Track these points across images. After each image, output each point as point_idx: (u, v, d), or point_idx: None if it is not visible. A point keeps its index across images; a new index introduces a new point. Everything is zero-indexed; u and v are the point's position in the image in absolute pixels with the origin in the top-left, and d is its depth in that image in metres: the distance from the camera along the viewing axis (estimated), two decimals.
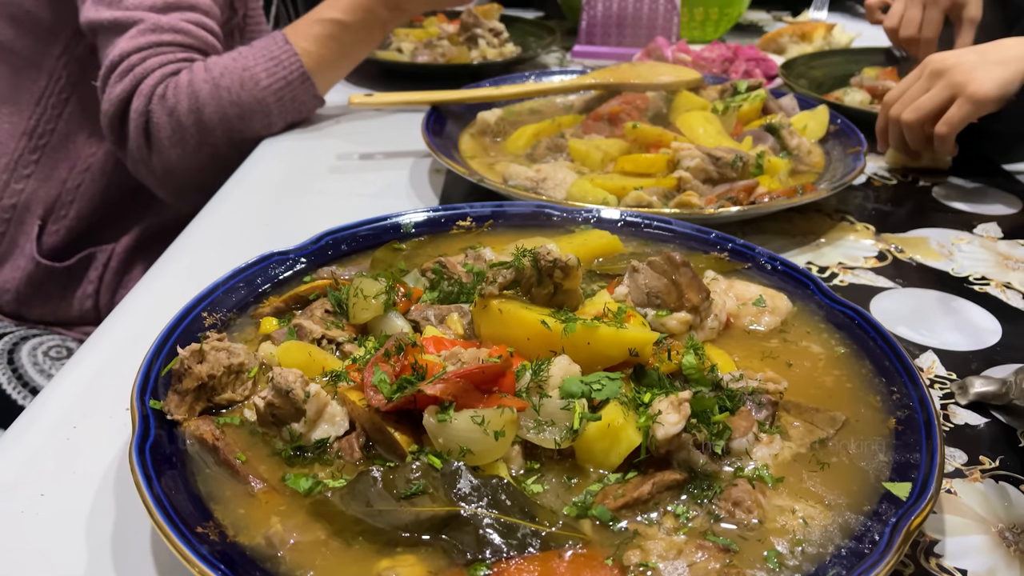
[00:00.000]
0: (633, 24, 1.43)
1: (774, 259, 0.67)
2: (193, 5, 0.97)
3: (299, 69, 0.98)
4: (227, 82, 0.93)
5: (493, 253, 0.66)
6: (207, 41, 0.98)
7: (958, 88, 0.89)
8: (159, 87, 0.93)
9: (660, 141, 0.91)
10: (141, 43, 0.93)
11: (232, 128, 0.95)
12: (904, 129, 0.94)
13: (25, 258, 1.10)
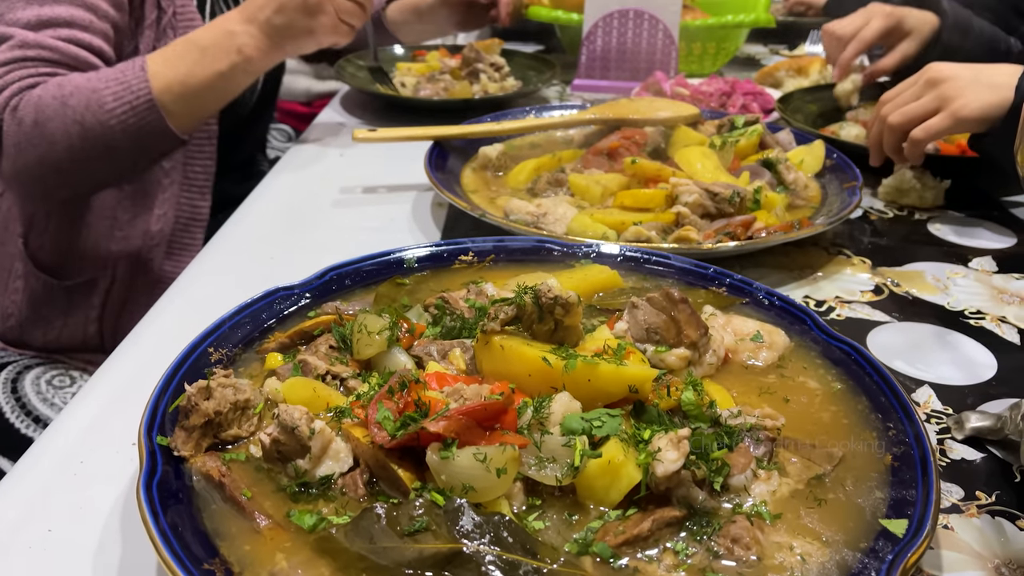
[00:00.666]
0: (632, 58, 1.45)
1: (771, 294, 0.69)
2: (69, 21, 0.98)
3: (146, 95, 0.96)
4: (74, 101, 0.95)
5: (495, 288, 0.67)
6: (79, 57, 0.99)
7: (945, 102, 0.92)
8: (13, 99, 0.95)
9: (659, 176, 0.92)
10: (7, 58, 0.96)
11: (73, 146, 0.95)
12: (886, 130, 0.97)
13: (22, 279, 1.11)
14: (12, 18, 0.96)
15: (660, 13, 1.42)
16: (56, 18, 0.97)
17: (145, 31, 1.08)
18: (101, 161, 0.98)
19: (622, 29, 1.44)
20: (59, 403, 1.04)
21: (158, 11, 1.08)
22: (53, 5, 0.97)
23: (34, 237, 1.11)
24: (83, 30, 0.99)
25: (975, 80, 0.91)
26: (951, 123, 0.90)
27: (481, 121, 1.11)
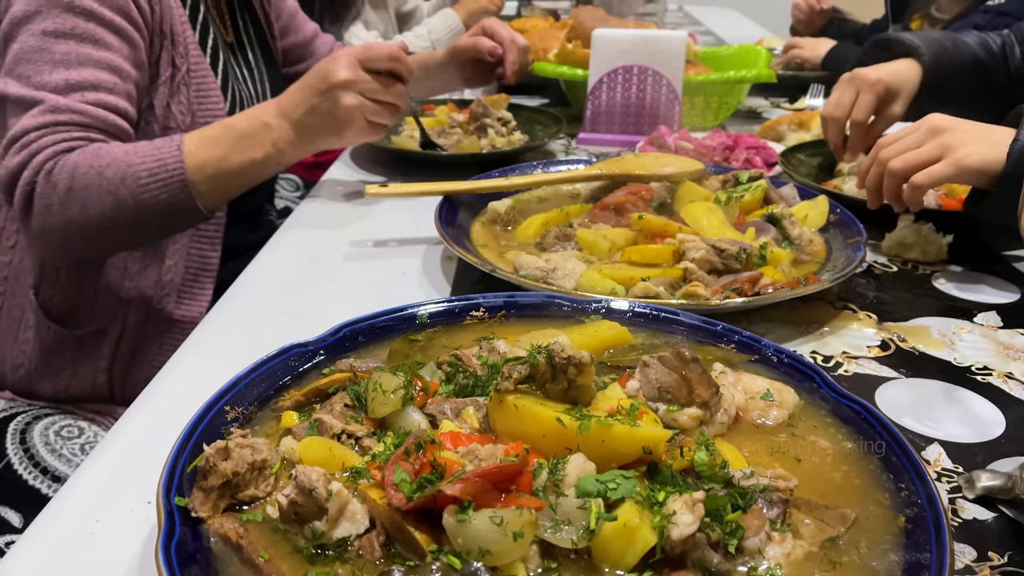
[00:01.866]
0: (636, 113, 1.48)
1: (780, 352, 0.69)
2: (96, 84, 1.01)
3: (180, 175, 1.00)
4: (110, 173, 0.97)
5: (507, 345, 0.68)
6: (107, 120, 1.02)
7: (947, 150, 0.93)
8: (48, 163, 0.98)
9: (665, 231, 0.94)
10: (40, 122, 0.98)
11: (104, 214, 0.98)
12: (887, 175, 0.98)
13: (32, 329, 1.12)
14: (40, 81, 0.99)
15: (663, 69, 1.45)
16: (83, 82, 1.00)
17: (160, 87, 1.11)
18: (127, 230, 1.01)
19: (626, 84, 1.47)
20: (67, 454, 1.04)
21: (172, 68, 1.11)
22: (79, 68, 1.00)
23: (45, 288, 1.12)
24: (109, 92, 1.02)
25: (977, 135, 0.94)
26: (954, 171, 0.92)
27: (490, 176, 1.13)
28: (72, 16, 1.00)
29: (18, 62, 0.99)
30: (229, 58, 1.26)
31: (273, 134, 1.06)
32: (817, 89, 1.82)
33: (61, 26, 1.00)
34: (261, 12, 1.41)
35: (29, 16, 0.99)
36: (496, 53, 1.41)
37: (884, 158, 0.99)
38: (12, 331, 1.13)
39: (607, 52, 1.46)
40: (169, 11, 1.11)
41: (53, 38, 0.99)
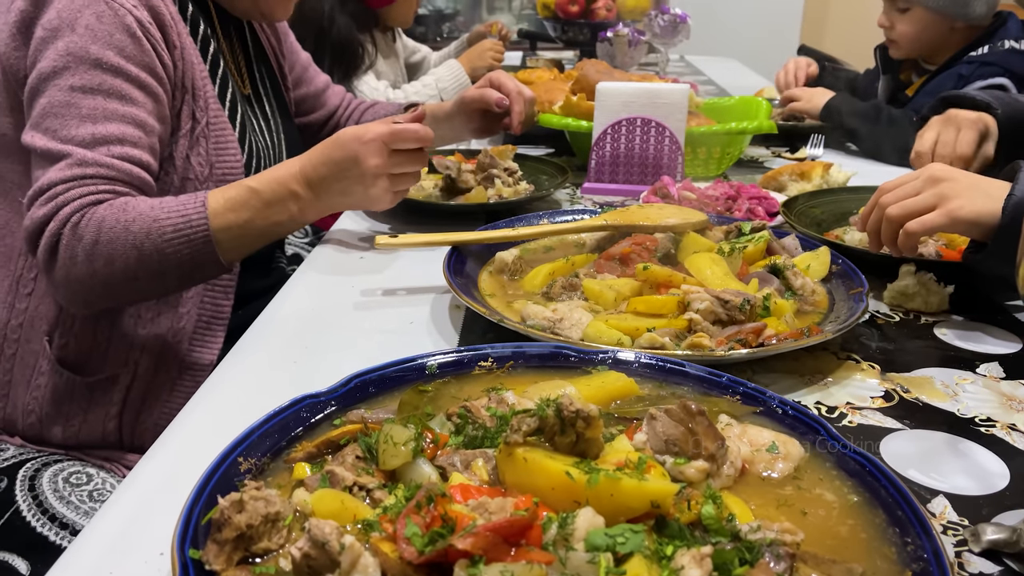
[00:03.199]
0: (640, 163, 1.51)
1: (784, 403, 0.70)
2: (121, 139, 1.04)
3: (204, 232, 1.02)
4: (136, 227, 1.00)
5: (515, 397, 0.69)
6: (132, 173, 1.05)
7: (942, 200, 0.96)
8: (75, 215, 1.00)
9: (670, 282, 0.95)
10: (67, 175, 1.01)
11: (128, 267, 1.01)
12: (885, 220, 1.00)
13: (44, 376, 1.13)
14: (67, 135, 1.02)
15: (666, 120, 1.49)
16: (110, 136, 1.03)
17: (180, 139, 1.14)
18: (150, 282, 1.03)
19: (630, 136, 1.50)
20: (75, 501, 1.05)
21: (192, 121, 1.14)
22: (106, 123, 1.03)
23: (59, 335, 1.13)
24: (134, 146, 1.04)
25: (974, 187, 0.96)
26: (946, 221, 0.95)
27: (497, 227, 1.15)
28: (100, 72, 1.03)
29: (45, 116, 1.02)
30: (246, 110, 1.29)
31: (299, 203, 1.09)
32: (817, 139, 1.85)
33: (89, 82, 1.03)
34: (276, 65, 1.45)
35: (57, 72, 1.02)
36: (503, 104, 1.45)
37: (883, 204, 1.01)
38: (25, 378, 1.14)
39: (611, 104, 1.49)
40: (191, 66, 1.14)
41: (80, 93, 1.02)
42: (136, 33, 1.06)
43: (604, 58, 2.48)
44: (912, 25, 1.92)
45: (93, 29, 1.03)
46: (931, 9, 1.87)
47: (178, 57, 1.12)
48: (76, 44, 1.03)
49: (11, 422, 1.15)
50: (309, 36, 2.26)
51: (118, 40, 1.04)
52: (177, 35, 1.12)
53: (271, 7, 1.28)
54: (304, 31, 2.23)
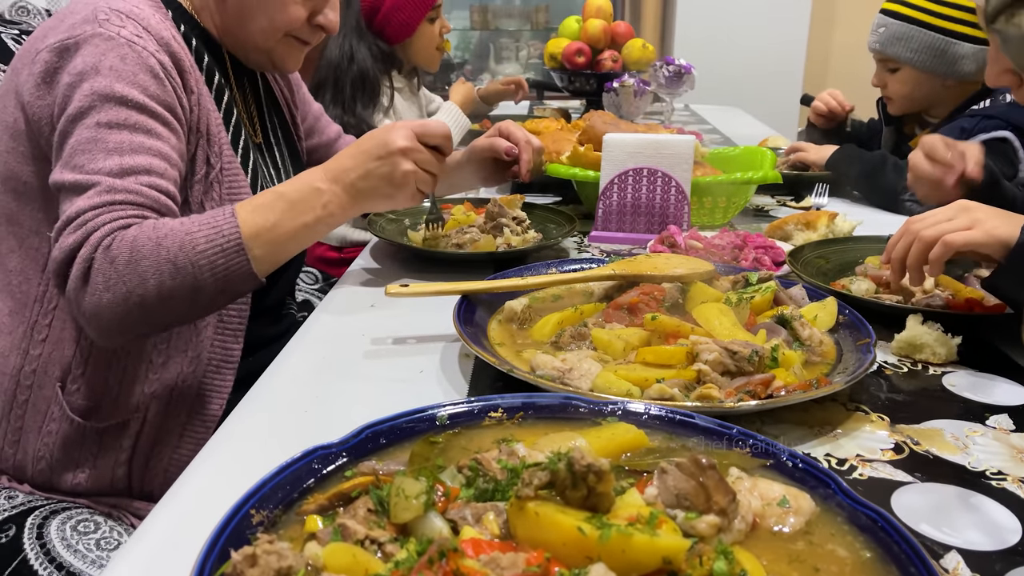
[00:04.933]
0: (646, 212, 1.53)
1: (795, 456, 0.70)
2: (148, 169, 1.06)
3: (236, 239, 1.03)
4: (168, 242, 1.01)
5: (526, 449, 0.69)
6: (159, 201, 1.06)
7: (978, 222, 1.00)
8: (106, 239, 1.01)
9: (678, 332, 0.96)
10: (96, 202, 1.02)
11: (163, 284, 1.01)
12: (917, 241, 1.03)
13: (56, 422, 1.14)
14: (95, 167, 1.04)
15: (672, 171, 1.51)
16: (137, 166, 1.05)
17: (195, 184, 1.16)
18: (186, 301, 1.03)
19: (636, 185, 1.52)
20: (83, 549, 1.04)
21: (207, 166, 1.17)
22: (133, 155, 1.05)
23: (71, 381, 1.14)
24: (160, 177, 1.07)
25: (1005, 213, 1.02)
26: (985, 238, 0.99)
27: (506, 276, 1.16)
28: (125, 109, 1.06)
29: (74, 154, 1.05)
30: (258, 158, 1.32)
31: (323, 198, 1.11)
32: (822, 188, 1.87)
33: (115, 118, 1.05)
34: (288, 115, 1.49)
35: (84, 112, 1.05)
36: (512, 153, 1.47)
37: (915, 229, 1.03)
38: (36, 424, 1.15)
39: (618, 155, 1.52)
40: (206, 112, 1.17)
41: (107, 129, 1.05)
42: (159, 74, 1.09)
43: (610, 108, 2.53)
44: (903, 84, 1.96)
45: (117, 70, 1.07)
46: (919, 69, 1.91)
47: (195, 102, 1.15)
48: (102, 84, 1.06)
49: (21, 468, 1.15)
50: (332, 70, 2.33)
51: (142, 80, 1.08)
52: (195, 81, 1.16)
53: (283, 60, 1.31)
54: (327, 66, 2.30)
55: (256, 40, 1.27)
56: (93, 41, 1.07)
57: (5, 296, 1.15)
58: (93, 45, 1.07)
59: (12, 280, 1.16)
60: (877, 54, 2.00)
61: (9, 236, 1.16)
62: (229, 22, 1.26)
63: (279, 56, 1.30)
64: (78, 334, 1.14)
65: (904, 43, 1.91)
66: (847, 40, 4.87)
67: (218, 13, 1.26)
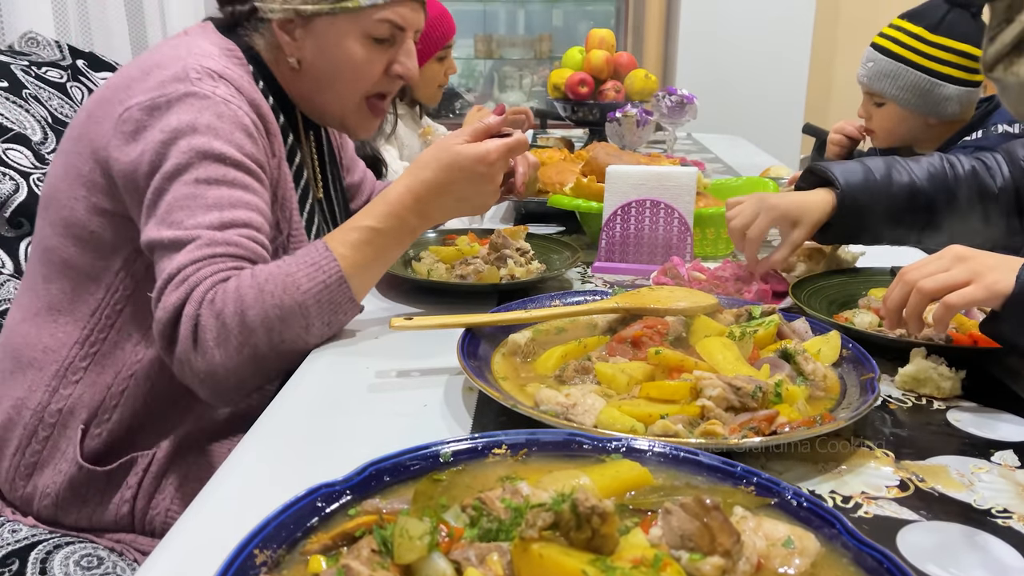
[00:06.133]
0: (649, 243, 1.53)
1: (799, 495, 0.70)
2: (247, 223, 1.07)
3: (337, 273, 1.05)
4: (271, 287, 1.01)
5: (530, 487, 0.69)
6: (257, 252, 1.07)
7: (977, 276, 0.98)
8: (209, 293, 1.00)
9: (682, 367, 0.96)
10: (197, 256, 1.02)
11: (272, 329, 1.01)
12: (915, 293, 1.01)
13: (68, 463, 1.14)
14: (194, 223, 1.04)
15: (675, 202, 1.52)
16: (236, 220, 1.06)
17: None
18: (298, 342, 1.05)
19: (639, 217, 1.53)
20: None
21: (276, 231, 1.18)
22: (232, 210, 1.06)
23: (95, 424, 1.15)
24: (257, 230, 1.08)
25: (1001, 264, 0.99)
26: (986, 295, 0.97)
27: (510, 308, 1.17)
28: (223, 166, 1.06)
29: (171, 211, 1.04)
30: (319, 214, 1.34)
31: (414, 233, 1.14)
32: None
33: (213, 174, 1.06)
34: (339, 161, 1.50)
35: (181, 169, 1.05)
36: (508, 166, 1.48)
37: (911, 279, 1.02)
38: (52, 462, 1.15)
39: (621, 187, 1.53)
40: (284, 176, 1.19)
41: (205, 185, 1.05)
42: (252, 133, 1.10)
43: (613, 137, 2.54)
44: (888, 120, 1.98)
45: (215, 127, 1.07)
46: (903, 107, 1.93)
47: (275, 166, 1.17)
48: (199, 142, 1.06)
49: (28, 502, 1.16)
50: None
51: (237, 138, 1.08)
52: (277, 145, 1.17)
53: (356, 127, 1.33)
54: None
55: (332, 108, 1.28)
56: (187, 100, 1.07)
57: (44, 333, 1.16)
58: (188, 104, 1.07)
59: (58, 319, 1.16)
60: (864, 87, 2.02)
61: (63, 278, 1.16)
62: (304, 90, 1.27)
63: (352, 123, 1.32)
64: (112, 380, 1.14)
65: (891, 80, 1.93)
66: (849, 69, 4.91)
67: (292, 82, 1.27)
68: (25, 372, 1.16)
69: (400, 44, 1.29)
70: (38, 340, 1.15)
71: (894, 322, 1.05)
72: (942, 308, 0.98)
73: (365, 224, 1.10)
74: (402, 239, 1.13)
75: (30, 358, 1.16)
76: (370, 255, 1.09)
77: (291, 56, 1.24)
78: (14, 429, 1.15)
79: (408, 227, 1.12)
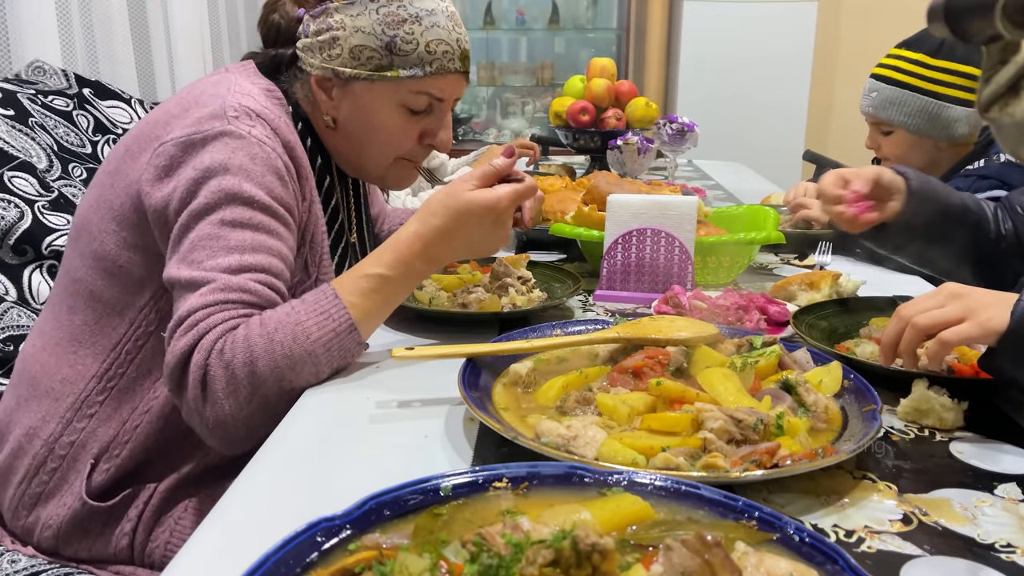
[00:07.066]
0: (650, 272, 1.54)
1: (801, 530, 0.70)
2: (265, 268, 1.07)
3: (347, 321, 1.05)
4: (280, 336, 1.00)
5: (530, 522, 0.69)
6: (270, 299, 1.06)
7: (971, 313, 0.99)
8: (219, 342, 1.00)
9: (683, 398, 0.96)
10: (209, 300, 1.01)
11: (283, 379, 1.01)
12: (909, 329, 1.02)
13: (73, 497, 1.14)
14: (212, 264, 1.04)
15: (676, 231, 1.53)
16: (256, 264, 1.05)
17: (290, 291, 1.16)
18: (306, 386, 1.05)
19: (640, 246, 1.54)
20: None
21: (304, 274, 1.18)
22: (253, 253, 1.06)
23: (105, 460, 1.14)
24: (275, 276, 1.07)
25: (996, 301, 1.00)
26: (979, 332, 0.98)
27: (511, 338, 1.17)
28: (250, 209, 1.06)
29: (193, 249, 1.04)
30: (350, 258, 1.34)
31: (421, 277, 1.15)
32: (825, 246, 1.88)
33: (239, 217, 1.06)
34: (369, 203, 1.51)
35: (209, 208, 1.05)
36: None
37: (907, 315, 1.03)
38: (57, 495, 1.14)
39: (621, 216, 1.53)
40: (315, 220, 1.19)
41: (230, 227, 1.05)
42: (283, 176, 1.11)
43: (615, 165, 2.56)
44: (898, 147, 1.99)
45: (247, 169, 1.07)
46: (913, 132, 1.94)
47: (306, 209, 1.17)
48: (230, 183, 1.06)
49: (29, 532, 1.15)
50: None
51: (268, 181, 1.09)
52: (309, 189, 1.18)
53: (394, 181, 1.35)
54: None
55: (366, 167, 1.29)
56: (222, 139, 1.08)
57: (64, 364, 1.15)
58: (222, 142, 1.08)
59: (79, 351, 1.16)
60: (870, 117, 2.03)
61: (88, 309, 1.16)
62: (338, 146, 1.28)
63: (391, 179, 1.33)
64: (128, 416, 1.14)
65: (897, 107, 1.94)
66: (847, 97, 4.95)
67: (329, 136, 1.28)
68: (40, 401, 1.16)
69: (437, 114, 1.29)
70: (57, 370, 1.15)
71: (889, 357, 1.06)
72: (937, 345, 0.99)
73: (375, 272, 1.10)
74: (410, 283, 1.14)
75: (47, 387, 1.15)
76: (379, 302, 1.10)
77: (327, 114, 1.25)
78: (23, 458, 1.15)
79: (416, 272, 1.13)
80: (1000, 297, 1.00)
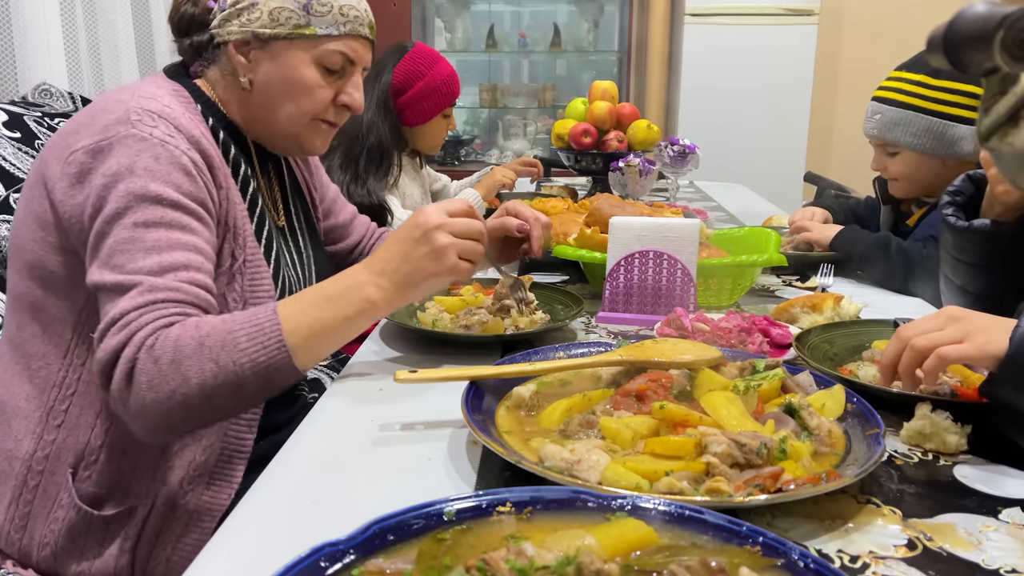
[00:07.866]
0: (653, 294, 1.54)
1: (806, 556, 0.69)
2: (186, 265, 1.09)
3: (277, 336, 1.05)
4: (211, 342, 1.02)
5: (534, 548, 0.69)
6: (199, 296, 1.09)
7: (969, 336, 1.00)
8: (150, 338, 1.02)
9: (687, 422, 0.96)
10: (139, 302, 1.04)
11: (206, 384, 1.02)
12: (908, 349, 1.03)
13: (63, 509, 1.13)
14: (135, 267, 1.06)
15: (678, 253, 1.53)
16: (176, 263, 1.07)
17: (219, 277, 1.18)
18: (229, 398, 1.05)
19: (643, 268, 1.54)
20: None
21: (231, 259, 1.19)
22: (171, 252, 1.08)
23: (83, 468, 1.14)
24: (198, 271, 1.09)
25: (994, 324, 1.01)
26: (977, 353, 0.99)
27: (514, 360, 1.17)
28: (160, 207, 1.09)
29: (113, 254, 1.07)
30: (280, 243, 1.35)
31: (366, 291, 1.12)
32: (827, 268, 1.89)
33: (151, 217, 1.08)
34: (308, 197, 1.53)
35: (120, 212, 1.08)
36: (524, 230, 1.49)
37: (906, 336, 1.04)
38: (45, 510, 1.14)
39: (624, 238, 1.54)
40: (233, 206, 1.21)
41: (144, 228, 1.07)
42: (191, 172, 1.13)
43: (616, 186, 2.57)
44: (904, 167, 2.00)
45: (151, 170, 1.10)
46: (919, 152, 1.95)
47: (223, 197, 1.19)
48: (137, 185, 1.08)
49: (26, 554, 1.15)
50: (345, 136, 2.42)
51: (175, 178, 1.11)
52: (224, 176, 1.20)
53: (311, 143, 1.36)
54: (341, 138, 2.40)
55: (283, 127, 1.31)
56: (126, 142, 1.10)
57: (24, 380, 1.17)
58: (126, 146, 1.10)
59: (32, 365, 1.17)
60: (875, 140, 2.04)
61: (33, 322, 1.18)
62: (255, 112, 1.31)
63: (307, 140, 1.35)
64: (94, 421, 1.15)
65: (902, 128, 1.95)
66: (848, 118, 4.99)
67: (244, 105, 1.31)
68: (11, 423, 1.17)
69: (349, 77, 1.35)
70: (20, 389, 1.16)
71: (888, 378, 1.07)
72: (934, 359, 1.00)
73: (317, 287, 1.13)
74: (353, 302, 1.12)
75: (14, 408, 1.16)
76: (312, 314, 1.08)
77: (244, 76, 1.28)
78: (7, 482, 1.15)
79: (359, 283, 1.12)
80: (999, 322, 1.01)
